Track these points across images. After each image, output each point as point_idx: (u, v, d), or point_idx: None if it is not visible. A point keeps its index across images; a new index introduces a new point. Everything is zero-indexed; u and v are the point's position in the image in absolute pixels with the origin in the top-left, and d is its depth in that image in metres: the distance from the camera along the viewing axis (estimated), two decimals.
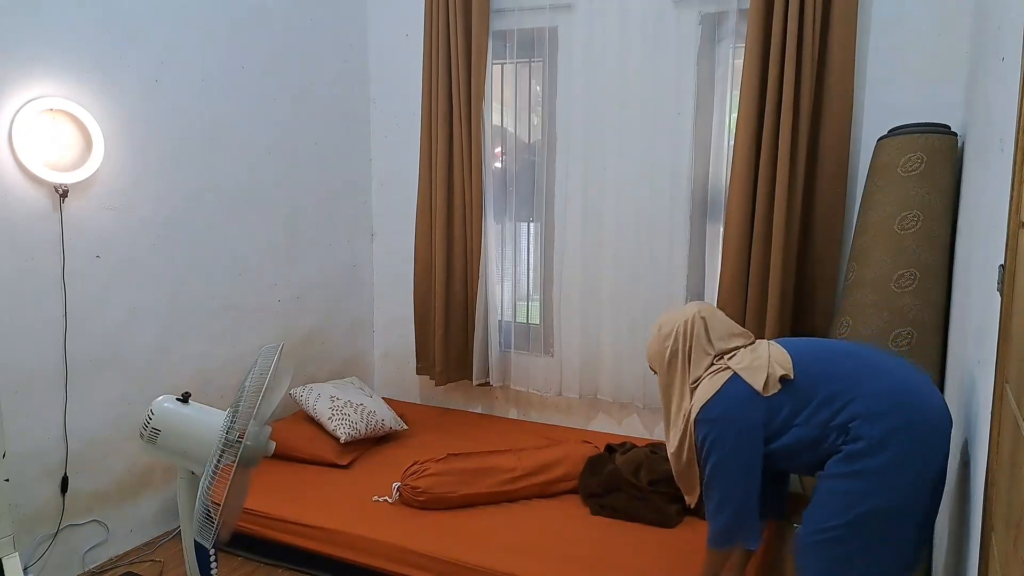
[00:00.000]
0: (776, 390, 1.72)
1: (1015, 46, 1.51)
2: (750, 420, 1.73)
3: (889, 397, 1.66)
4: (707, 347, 1.87)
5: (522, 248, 3.46)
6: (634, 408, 3.28)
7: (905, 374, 1.72)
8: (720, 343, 1.87)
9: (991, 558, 1.27)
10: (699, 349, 1.87)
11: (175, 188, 2.71)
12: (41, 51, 2.24)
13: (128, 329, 2.57)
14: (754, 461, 1.76)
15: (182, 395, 1.79)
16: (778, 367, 1.74)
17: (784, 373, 1.72)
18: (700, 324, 1.88)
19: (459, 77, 3.23)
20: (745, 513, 1.79)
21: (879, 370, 1.72)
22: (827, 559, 1.71)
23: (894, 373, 1.72)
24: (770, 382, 1.72)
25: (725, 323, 1.92)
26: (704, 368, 1.85)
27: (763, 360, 1.77)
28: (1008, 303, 1.29)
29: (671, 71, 2.96)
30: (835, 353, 1.81)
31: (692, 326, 1.88)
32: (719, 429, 1.77)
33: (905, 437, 1.62)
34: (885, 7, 2.64)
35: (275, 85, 3.12)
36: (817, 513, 1.73)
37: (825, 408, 1.68)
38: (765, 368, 1.74)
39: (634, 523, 2.38)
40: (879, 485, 1.63)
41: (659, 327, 1.96)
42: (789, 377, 1.72)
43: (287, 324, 3.29)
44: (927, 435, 1.64)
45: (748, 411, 1.74)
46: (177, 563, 2.54)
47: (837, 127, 2.64)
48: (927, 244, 2.34)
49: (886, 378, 1.70)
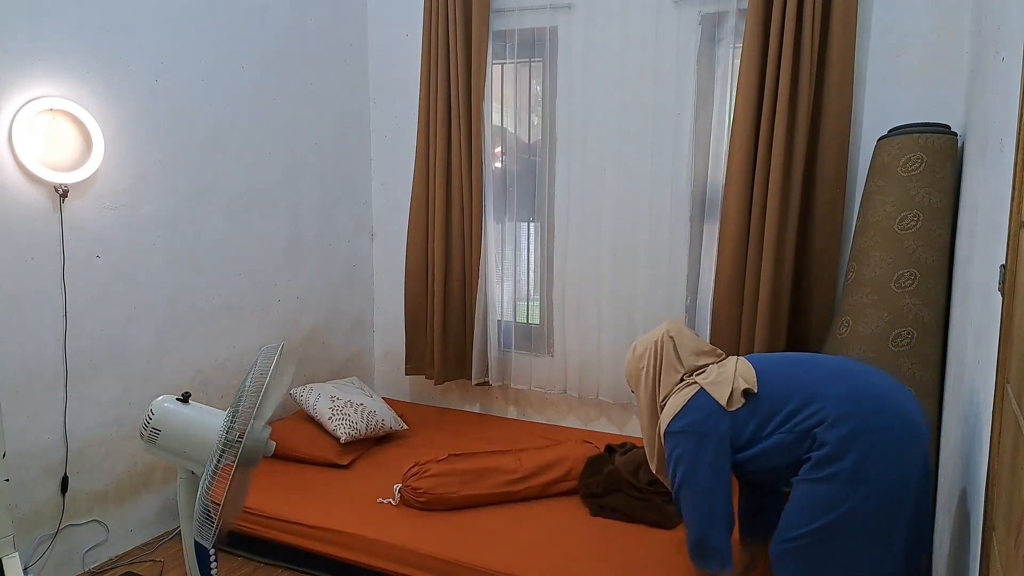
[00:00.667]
0: (740, 404, 1.77)
1: (1015, 46, 1.51)
2: (716, 431, 1.77)
3: (852, 400, 1.67)
4: (676, 365, 1.92)
5: (522, 248, 3.46)
6: (634, 408, 3.27)
7: (873, 379, 1.74)
8: (689, 360, 1.93)
9: (992, 558, 1.27)
10: (669, 367, 1.93)
11: (175, 188, 2.71)
12: (41, 51, 2.24)
13: (128, 329, 2.57)
14: (721, 471, 1.78)
15: (182, 395, 1.79)
16: (742, 381, 1.78)
17: (747, 387, 1.77)
18: (669, 343, 1.95)
19: (459, 77, 3.23)
20: (713, 523, 1.79)
21: (843, 376, 1.75)
22: (800, 567, 1.71)
23: (858, 378, 1.74)
24: (734, 396, 1.77)
25: (693, 341, 1.97)
26: (672, 385, 1.91)
27: (728, 375, 1.82)
28: (1009, 303, 1.29)
29: (671, 71, 2.96)
30: (801, 365, 1.84)
31: (662, 346, 1.95)
32: (685, 441, 1.81)
33: (869, 438, 1.63)
34: (885, 7, 2.64)
35: (275, 85, 3.12)
36: (788, 521, 1.73)
37: (792, 417, 1.71)
38: (730, 383, 1.79)
39: (634, 524, 2.38)
40: (847, 488, 1.63)
41: (634, 348, 2.04)
42: (753, 391, 1.76)
43: (287, 324, 3.29)
44: (894, 437, 1.64)
45: (713, 423, 1.78)
46: (177, 563, 2.54)
47: (837, 127, 2.64)
48: (927, 244, 2.34)
49: (850, 382, 1.72)
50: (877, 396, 1.68)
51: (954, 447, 2.09)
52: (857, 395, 1.68)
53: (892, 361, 2.36)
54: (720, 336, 2.86)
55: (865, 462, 1.61)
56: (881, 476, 1.62)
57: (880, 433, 1.63)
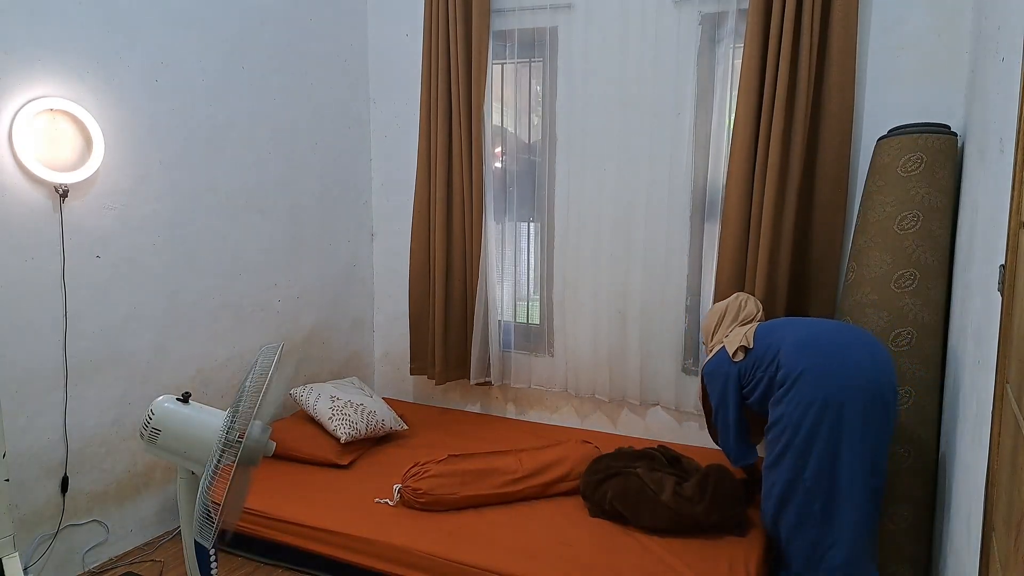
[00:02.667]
0: (741, 357, 2.35)
1: (1015, 46, 1.51)
2: (727, 375, 2.39)
3: (811, 341, 2.17)
4: (725, 326, 2.55)
5: (522, 248, 3.46)
6: (634, 407, 3.28)
7: (839, 337, 2.17)
8: (732, 324, 2.53)
9: (991, 558, 1.27)
10: (720, 327, 2.56)
11: (175, 188, 2.71)
12: (41, 51, 2.24)
13: (128, 329, 2.57)
14: (732, 401, 2.39)
15: (182, 395, 1.79)
16: (743, 341, 2.35)
17: (743, 344, 2.35)
18: (729, 308, 2.59)
19: (459, 77, 3.23)
20: (728, 434, 2.44)
21: (812, 332, 2.22)
22: (785, 518, 2.18)
23: (824, 335, 2.20)
24: (737, 352, 2.36)
25: (743, 311, 2.56)
26: (719, 340, 2.53)
27: (739, 335, 2.39)
28: (1008, 303, 1.29)
29: (671, 71, 2.96)
30: (790, 325, 2.34)
31: (725, 309, 2.59)
32: (709, 381, 2.49)
33: (818, 369, 2.09)
34: (884, 7, 2.64)
35: (275, 85, 3.12)
36: (763, 506, 2.28)
37: (772, 364, 2.24)
38: (738, 342, 2.37)
39: (634, 526, 2.37)
40: (794, 412, 2.10)
41: (711, 309, 2.68)
42: (748, 346, 2.34)
43: (287, 324, 3.29)
44: (843, 374, 2.07)
45: (724, 369, 2.39)
46: (177, 563, 2.54)
47: (837, 127, 2.64)
48: (927, 244, 2.34)
49: (815, 327, 2.26)
50: (835, 341, 2.16)
51: (954, 447, 2.09)
52: (815, 337, 2.19)
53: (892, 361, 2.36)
54: None
55: (811, 387, 2.08)
56: (825, 401, 2.05)
57: (826, 366, 2.10)
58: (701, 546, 2.25)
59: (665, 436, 3.21)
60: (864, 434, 2.04)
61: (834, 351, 2.12)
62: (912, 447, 2.34)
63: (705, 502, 2.28)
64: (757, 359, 2.30)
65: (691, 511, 2.28)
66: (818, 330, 2.23)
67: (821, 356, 2.12)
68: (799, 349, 2.17)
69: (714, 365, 2.45)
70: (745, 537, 2.31)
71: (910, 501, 2.35)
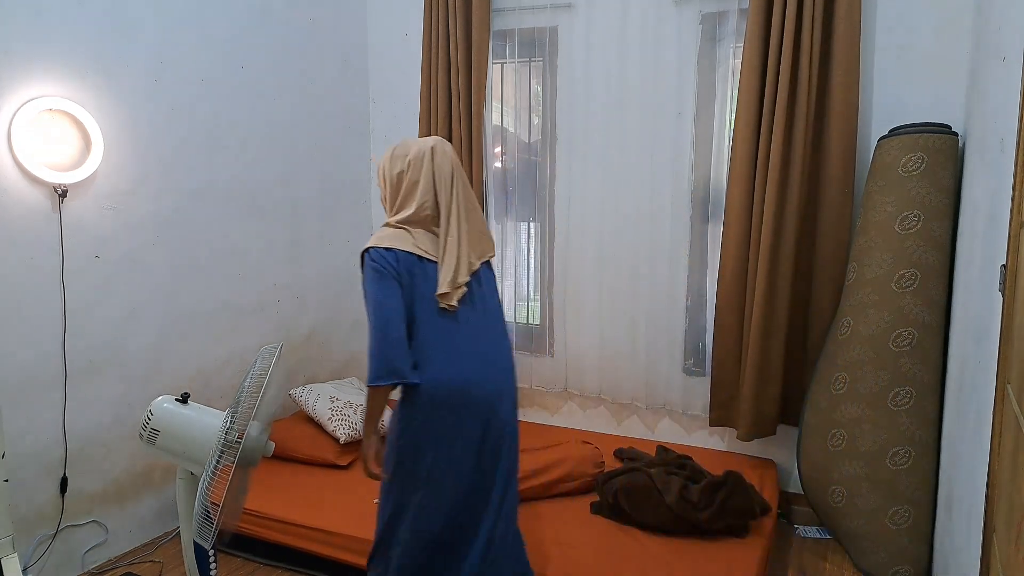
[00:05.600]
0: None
1: (1015, 46, 1.51)
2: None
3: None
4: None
5: (522, 248, 3.45)
6: (635, 408, 3.27)
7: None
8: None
9: (992, 558, 1.27)
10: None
11: (175, 188, 2.71)
12: (41, 51, 2.24)
13: (127, 329, 2.57)
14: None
15: (181, 395, 1.79)
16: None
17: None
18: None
19: (459, 77, 3.22)
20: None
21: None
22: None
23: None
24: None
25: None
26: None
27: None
28: (1009, 303, 1.29)
29: (671, 71, 2.95)
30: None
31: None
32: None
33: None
34: (886, 7, 2.63)
35: (275, 85, 3.12)
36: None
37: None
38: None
39: (635, 526, 2.37)
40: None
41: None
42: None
43: (287, 324, 3.29)
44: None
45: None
46: (177, 563, 2.53)
47: (842, 127, 2.62)
48: (928, 244, 2.33)
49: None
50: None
51: (954, 447, 2.09)
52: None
53: (893, 361, 2.36)
54: (721, 336, 2.86)
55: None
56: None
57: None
58: (701, 547, 2.24)
59: (666, 436, 3.20)
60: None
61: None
62: (912, 447, 2.34)
63: (712, 509, 2.28)
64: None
65: (693, 516, 2.28)
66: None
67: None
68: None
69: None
70: (745, 538, 2.31)
71: (910, 501, 2.35)
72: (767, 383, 2.75)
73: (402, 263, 1.80)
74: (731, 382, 2.88)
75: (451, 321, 1.84)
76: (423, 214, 1.87)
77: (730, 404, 2.90)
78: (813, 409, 2.60)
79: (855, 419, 2.42)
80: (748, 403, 2.76)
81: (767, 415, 2.78)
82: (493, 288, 2.00)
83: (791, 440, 2.88)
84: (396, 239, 1.82)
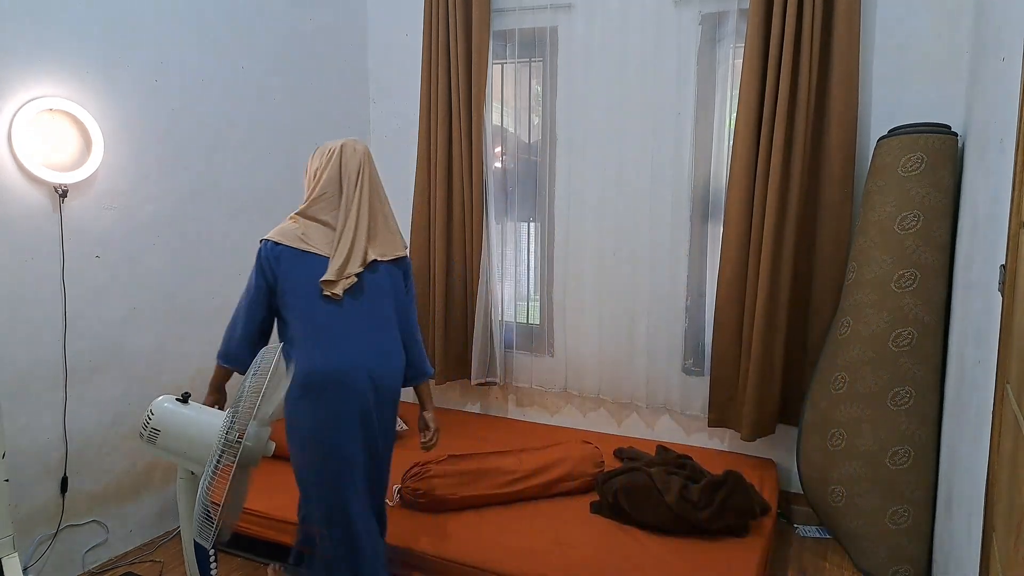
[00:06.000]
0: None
1: (1015, 46, 1.51)
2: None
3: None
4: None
5: (522, 248, 3.46)
6: (634, 408, 3.28)
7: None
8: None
9: (992, 558, 1.27)
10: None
11: (175, 188, 2.71)
12: (41, 51, 2.24)
13: (128, 329, 2.57)
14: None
15: (182, 395, 1.79)
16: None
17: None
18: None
19: (459, 77, 3.22)
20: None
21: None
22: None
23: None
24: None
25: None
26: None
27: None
28: (1009, 303, 1.29)
29: (671, 71, 2.96)
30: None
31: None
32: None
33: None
34: (885, 7, 2.64)
35: (275, 85, 3.12)
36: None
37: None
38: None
39: (635, 523, 2.38)
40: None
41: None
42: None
43: None
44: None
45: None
46: (177, 563, 2.54)
47: (842, 128, 2.62)
48: (927, 244, 2.33)
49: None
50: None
51: (954, 447, 2.09)
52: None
53: (892, 361, 2.36)
54: (721, 335, 2.86)
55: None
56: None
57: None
58: (701, 546, 2.24)
59: (666, 436, 3.20)
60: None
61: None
62: (912, 447, 2.34)
63: (712, 509, 2.28)
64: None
65: (693, 516, 2.28)
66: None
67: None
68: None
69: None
70: (745, 538, 2.31)
71: (910, 501, 2.35)
72: (767, 383, 2.75)
73: (282, 258, 1.95)
74: (731, 382, 2.88)
75: (336, 308, 1.95)
76: (319, 204, 2.00)
77: (729, 404, 2.90)
78: (813, 409, 2.61)
79: (855, 419, 2.43)
80: (748, 403, 2.77)
81: (767, 415, 2.78)
82: (396, 285, 2.13)
83: (791, 440, 2.89)
84: (284, 234, 1.97)
